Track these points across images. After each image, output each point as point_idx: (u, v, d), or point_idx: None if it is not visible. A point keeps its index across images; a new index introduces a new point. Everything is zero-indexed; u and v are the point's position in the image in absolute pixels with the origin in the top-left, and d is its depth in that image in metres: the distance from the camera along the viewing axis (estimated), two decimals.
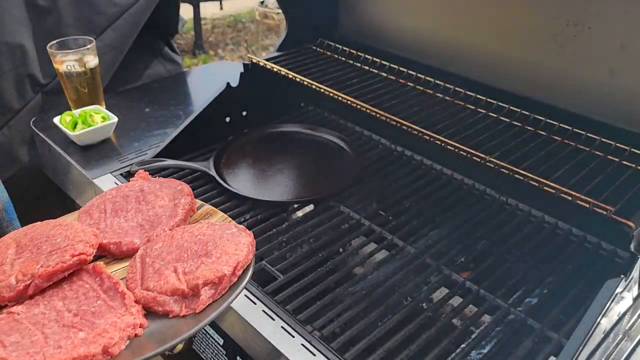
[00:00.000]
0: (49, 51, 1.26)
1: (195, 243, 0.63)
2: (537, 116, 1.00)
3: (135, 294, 0.59)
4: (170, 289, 0.58)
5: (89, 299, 0.57)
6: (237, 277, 0.61)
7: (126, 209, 0.71)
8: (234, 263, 0.60)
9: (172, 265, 0.60)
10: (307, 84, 1.16)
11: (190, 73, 1.75)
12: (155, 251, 0.63)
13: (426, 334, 0.77)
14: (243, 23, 5.49)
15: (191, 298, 0.58)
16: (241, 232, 0.66)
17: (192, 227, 0.67)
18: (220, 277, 0.59)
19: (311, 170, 1.16)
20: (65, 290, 0.58)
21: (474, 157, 0.91)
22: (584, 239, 0.96)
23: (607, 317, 0.69)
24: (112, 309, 0.56)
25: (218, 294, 0.59)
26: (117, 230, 0.67)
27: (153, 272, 0.60)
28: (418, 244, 0.95)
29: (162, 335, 0.55)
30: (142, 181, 0.77)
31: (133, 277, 0.61)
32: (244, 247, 0.63)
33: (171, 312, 0.57)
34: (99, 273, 0.60)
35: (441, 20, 1.18)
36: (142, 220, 0.69)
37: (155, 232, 0.67)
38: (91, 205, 0.72)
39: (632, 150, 0.90)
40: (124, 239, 0.66)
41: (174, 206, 0.71)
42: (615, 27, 0.91)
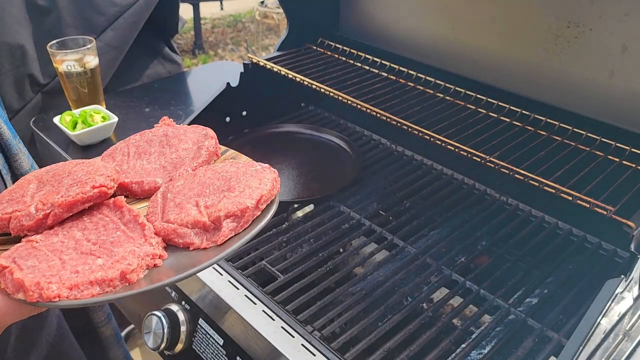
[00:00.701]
0: (49, 51, 1.26)
1: (218, 179, 0.62)
2: (538, 116, 1.00)
3: (155, 226, 0.58)
4: (192, 222, 0.57)
5: (108, 230, 0.57)
6: (260, 210, 0.59)
7: (149, 152, 0.70)
8: (257, 196, 0.58)
9: (194, 199, 0.59)
10: (308, 84, 1.16)
11: (190, 73, 1.75)
12: (177, 187, 0.63)
13: (426, 334, 0.77)
14: (243, 23, 5.49)
15: (212, 231, 0.56)
16: (265, 169, 0.64)
17: (215, 165, 0.66)
18: (243, 210, 0.57)
19: (311, 170, 1.16)
20: (85, 222, 0.58)
21: (474, 157, 0.91)
22: (584, 239, 0.96)
23: (607, 317, 0.69)
24: (131, 239, 0.55)
25: (240, 227, 0.57)
26: (139, 171, 0.67)
27: (174, 206, 0.59)
28: (418, 244, 0.95)
29: (181, 267, 0.54)
30: (166, 127, 0.77)
31: (154, 210, 0.60)
32: (268, 181, 0.61)
33: (192, 245, 0.56)
34: (119, 207, 0.59)
35: (442, 20, 1.18)
36: (165, 163, 0.68)
37: (178, 173, 0.66)
38: (114, 149, 0.71)
39: (632, 150, 0.90)
40: (146, 179, 0.65)
41: (198, 149, 0.70)
42: (616, 28, 0.91)
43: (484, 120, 1.03)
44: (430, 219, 1.02)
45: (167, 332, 0.85)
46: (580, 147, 0.93)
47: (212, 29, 5.29)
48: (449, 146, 0.94)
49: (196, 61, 4.52)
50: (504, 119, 1.03)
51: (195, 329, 0.86)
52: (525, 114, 1.02)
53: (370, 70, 1.24)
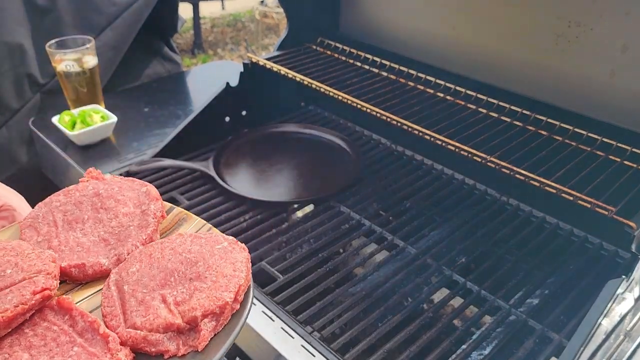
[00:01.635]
0: (48, 51, 1.26)
1: (181, 263, 0.52)
2: (538, 116, 1.00)
3: (119, 334, 0.48)
4: (163, 325, 0.48)
5: (61, 345, 0.46)
6: (238, 303, 0.51)
7: (82, 219, 0.58)
8: (234, 288, 0.50)
9: (159, 293, 0.50)
10: (307, 84, 1.16)
11: (189, 73, 1.75)
12: (133, 275, 0.52)
13: (427, 334, 0.77)
14: (243, 22, 5.48)
15: (188, 333, 0.48)
16: (234, 245, 0.55)
17: (171, 242, 0.56)
18: (222, 306, 0.49)
19: (311, 170, 1.16)
20: (29, 336, 0.46)
21: (474, 157, 0.91)
22: (585, 239, 0.95)
23: (608, 318, 0.69)
24: (94, 358, 0.45)
25: (220, 326, 0.49)
26: (75, 248, 0.55)
27: (137, 304, 0.50)
28: (418, 245, 0.95)
29: None
30: (95, 182, 0.64)
31: (112, 311, 0.50)
32: (242, 265, 0.53)
33: (166, 353, 0.47)
34: (68, 310, 0.48)
35: (442, 19, 1.18)
36: (104, 234, 0.57)
37: (126, 249, 0.56)
38: (35, 218, 0.58)
39: (633, 151, 0.90)
40: (88, 260, 0.54)
41: (142, 214, 0.59)
42: (617, 28, 0.91)
43: (484, 120, 1.02)
44: (430, 219, 1.02)
45: None
46: (581, 147, 0.93)
47: (211, 29, 5.29)
48: (450, 146, 0.94)
49: (196, 61, 4.51)
50: (505, 119, 1.02)
51: None
52: (526, 113, 1.02)
53: (370, 70, 1.23)
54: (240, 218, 1.01)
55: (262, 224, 1.00)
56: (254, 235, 0.97)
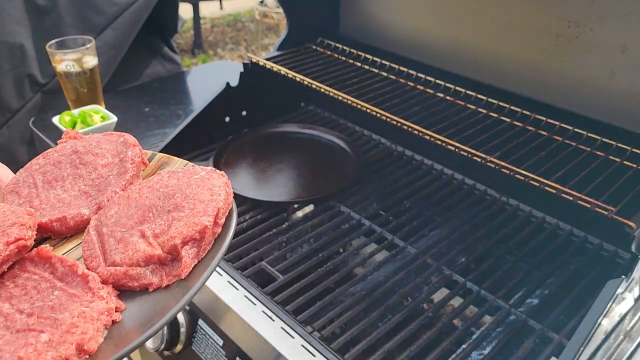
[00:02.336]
0: (48, 51, 1.26)
1: (159, 198, 0.51)
2: (538, 116, 1.00)
3: (100, 274, 0.47)
4: (142, 258, 0.47)
5: (42, 292, 0.45)
6: (219, 227, 0.49)
7: (62, 177, 0.57)
8: (213, 211, 0.48)
9: (137, 229, 0.49)
10: (307, 84, 1.16)
11: (189, 73, 1.75)
12: (112, 218, 0.51)
13: (427, 334, 0.77)
14: (243, 22, 5.49)
15: (171, 263, 0.47)
16: (211, 173, 0.53)
17: (149, 181, 0.54)
18: (201, 231, 0.47)
19: (311, 170, 1.16)
20: (9, 288, 0.46)
21: (474, 157, 0.91)
22: (585, 239, 0.96)
23: (608, 318, 0.69)
24: (75, 298, 0.44)
25: (203, 252, 0.48)
26: (56, 204, 0.55)
27: (115, 243, 0.49)
28: (418, 244, 0.95)
29: (146, 316, 0.44)
30: (73, 141, 0.63)
31: (92, 253, 0.49)
32: (220, 190, 0.51)
33: (150, 285, 0.46)
34: (47, 258, 0.48)
35: (442, 20, 1.18)
36: (84, 187, 0.56)
37: (106, 197, 0.55)
38: (16, 183, 0.58)
39: (633, 151, 0.90)
40: (68, 212, 0.54)
41: (121, 162, 0.57)
42: (617, 28, 0.91)
43: (484, 120, 1.02)
44: (430, 219, 1.02)
45: (166, 333, 0.85)
46: (581, 147, 0.93)
47: (211, 29, 5.29)
48: (449, 146, 0.94)
49: (196, 61, 4.51)
50: (505, 119, 1.02)
51: (195, 329, 0.86)
52: (526, 114, 1.02)
53: (370, 70, 1.23)
54: (240, 218, 1.01)
55: (262, 224, 1.00)
56: (254, 235, 0.97)
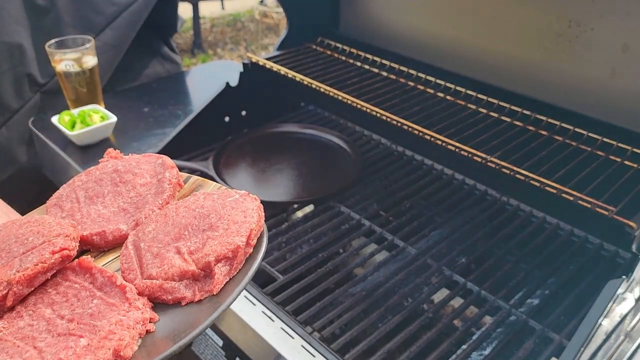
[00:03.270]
0: (48, 50, 1.26)
1: (195, 217, 0.54)
2: (538, 116, 1.00)
3: (136, 285, 0.50)
4: (177, 273, 0.50)
5: (82, 300, 0.48)
6: (251, 247, 0.53)
7: (102, 193, 0.61)
8: (246, 232, 0.52)
9: (173, 246, 0.52)
10: (307, 84, 1.16)
11: (189, 73, 1.75)
12: (149, 234, 0.54)
13: (427, 335, 0.77)
14: (242, 22, 5.48)
15: (204, 280, 0.50)
16: (245, 197, 0.57)
17: (185, 201, 0.58)
18: (234, 250, 0.50)
19: (311, 170, 1.16)
20: (51, 295, 0.49)
21: (474, 157, 0.91)
22: (586, 239, 0.95)
23: (608, 318, 0.69)
24: (113, 307, 0.47)
25: (234, 270, 0.51)
26: (96, 219, 0.58)
27: (152, 258, 0.52)
28: (419, 245, 0.95)
29: (177, 328, 0.47)
30: (114, 161, 0.67)
31: (129, 267, 0.52)
32: (253, 212, 0.54)
33: (183, 299, 0.49)
34: (88, 269, 0.51)
35: (442, 19, 1.18)
36: (123, 204, 0.59)
37: (143, 214, 0.58)
38: (59, 197, 0.62)
39: (633, 151, 0.90)
40: (107, 227, 0.57)
41: (158, 182, 0.61)
42: (618, 28, 0.91)
43: (484, 120, 1.02)
44: (430, 220, 1.01)
45: None
46: (581, 147, 0.93)
47: (211, 29, 5.29)
48: (450, 146, 0.94)
49: (195, 61, 4.51)
50: (505, 119, 1.02)
51: None
52: (526, 113, 1.01)
53: (370, 69, 1.23)
54: None
55: None
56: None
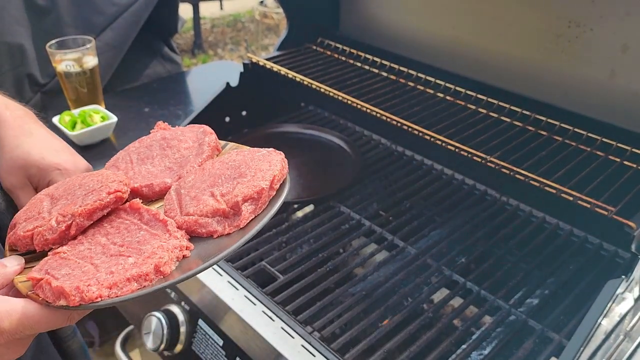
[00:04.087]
0: (48, 51, 1.26)
1: (228, 169, 0.64)
2: (538, 116, 1.00)
3: (176, 221, 0.59)
4: (211, 211, 0.59)
5: (131, 231, 0.58)
6: (274, 191, 0.62)
7: (152, 156, 0.71)
8: (269, 177, 0.61)
9: (209, 190, 0.61)
10: (307, 84, 1.16)
11: (189, 73, 1.75)
12: (189, 182, 0.64)
13: (427, 334, 0.77)
14: (242, 22, 5.49)
15: (233, 217, 0.59)
16: (271, 152, 0.67)
17: (220, 157, 0.68)
18: (259, 192, 0.59)
19: (311, 170, 1.16)
20: (106, 227, 0.59)
21: (474, 157, 0.91)
22: (585, 239, 0.95)
23: (608, 318, 0.69)
24: (156, 236, 0.57)
25: (259, 209, 0.60)
26: (146, 175, 0.68)
27: (190, 199, 0.61)
28: (419, 245, 0.95)
29: (209, 254, 0.56)
30: (163, 130, 0.79)
31: (171, 207, 0.62)
32: (277, 162, 0.64)
33: (215, 232, 0.58)
34: (137, 209, 0.60)
35: (442, 19, 1.18)
36: (169, 163, 0.70)
37: (185, 170, 0.68)
38: (116, 159, 0.73)
39: (633, 151, 0.90)
40: (155, 180, 0.67)
41: (199, 145, 0.72)
42: (617, 28, 0.91)
43: (484, 120, 1.02)
44: (430, 220, 1.02)
45: (166, 333, 0.85)
46: (581, 147, 0.93)
47: (211, 29, 5.29)
48: (450, 146, 0.94)
49: (196, 61, 4.51)
50: (505, 119, 1.02)
51: (195, 329, 0.86)
52: (526, 114, 1.02)
53: (370, 70, 1.23)
54: None
55: None
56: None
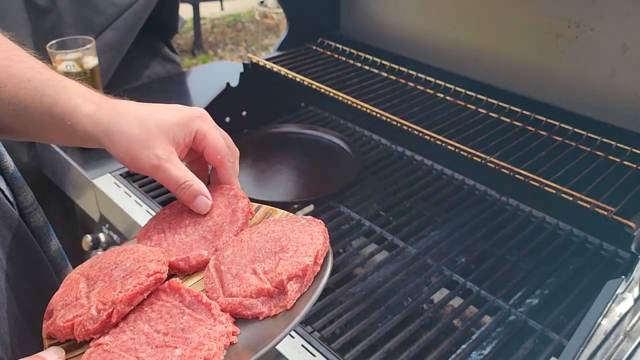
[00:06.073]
0: (48, 51, 1.26)
1: (267, 242, 0.61)
2: (538, 116, 1.00)
3: (219, 303, 0.57)
4: (255, 291, 0.56)
5: (174, 316, 0.56)
6: (319, 266, 0.59)
7: (184, 224, 0.68)
8: (313, 252, 0.58)
9: (250, 267, 0.59)
10: (307, 84, 1.16)
11: (189, 73, 1.75)
12: (228, 258, 0.61)
13: (426, 334, 0.77)
14: (243, 23, 5.49)
15: (278, 296, 0.56)
16: (310, 222, 0.64)
17: (257, 227, 0.65)
18: (304, 269, 0.57)
19: (311, 170, 1.16)
20: (147, 312, 0.57)
21: (474, 157, 0.91)
22: (585, 239, 0.96)
23: (607, 318, 0.69)
24: (200, 322, 0.54)
25: (304, 287, 0.57)
26: (181, 246, 0.65)
27: (232, 278, 0.59)
28: (418, 245, 0.95)
29: (257, 339, 0.54)
30: None
31: (212, 287, 0.59)
32: (319, 235, 0.61)
33: (261, 314, 0.56)
34: (177, 289, 0.58)
35: (442, 20, 1.18)
36: (203, 232, 0.67)
37: (222, 241, 0.65)
38: (147, 229, 0.70)
39: (633, 151, 0.90)
40: (191, 253, 0.64)
41: (232, 212, 0.68)
42: (617, 28, 0.91)
43: (484, 121, 1.02)
44: (430, 220, 1.02)
45: None
46: (581, 148, 0.93)
47: (211, 29, 5.30)
48: (450, 146, 0.94)
49: (196, 61, 4.52)
50: (505, 119, 1.02)
51: None
52: (526, 114, 1.02)
53: (370, 70, 1.23)
54: None
55: None
56: None
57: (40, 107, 0.60)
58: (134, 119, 0.62)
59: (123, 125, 0.62)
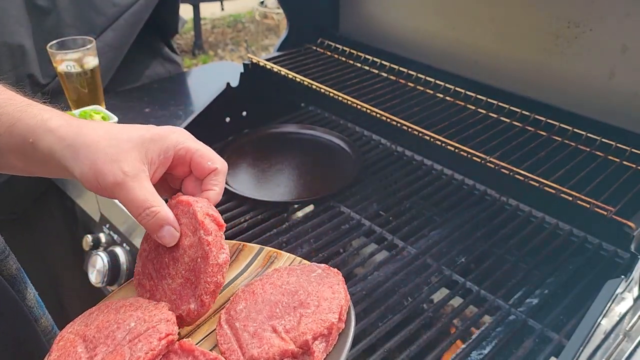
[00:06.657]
0: (49, 51, 1.26)
1: (283, 295, 0.57)
2: (538, 116, 1.00)
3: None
4: (279, 353, 0.52)
5: None
6: (343, 322, 0.55)
7: (165, 264, 0.61)
8: (337, 308, 0.54)
9: (268, 324, 0.54)
10: (307, 84, 1.16)
11: (190, 73, 1.75)
12: (242, 313, 0.57)
13: (427, 334, 0.77)
14: (243, 23, 5.49)
15: (302, 357, 0.52)
16: (327, 271, 0.60)
17: (269, 277, 0.60)
18: (329, 327, 0.53)
19: (311, 170, 1.16)
20: None
21: (474, 158, 0.91)
22: (585, 239, 0.96)
23: (607, 318, 0.69)
24: None
25: (330, 345, 0.53)
26: (171, 296, 0.60)
27: (250, 338, 0.54)
28: (418, 245, 0.95)
29: None
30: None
31: (229, 347, 0.54)
32: (340, 287, 0.57)
33: None
34: (190, 351, 0.52)
35: (442, 20, 1.18)
36: (184, 272, 0.59)
37: (202, 290, 0.57)
38: (139, 274, 0.64)
39: (632, 151, 0.90)
40: (182, 308, 0.58)
41: (199, 242, 0.59)
42: (617, 28, 0.91)
43: (484, 121, 1.03)
44: (430, 220, 1.02)
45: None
46: (580, 148, 0.93)
47: (212, 29, 5.30)
48: (449, 146, 0.94)
49: (196, 61, 4.52)
50: (504, 120, 1.03)
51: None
52: (526, 114, 1.02)
53: (370, 70, 1.24)
54: (240, 218, 1.01)
55: (263, 224, 1.00)
56: (254, 235, 0.97)
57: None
58: (105, 132, 0.54)
59: (91, 136, 0.54)
